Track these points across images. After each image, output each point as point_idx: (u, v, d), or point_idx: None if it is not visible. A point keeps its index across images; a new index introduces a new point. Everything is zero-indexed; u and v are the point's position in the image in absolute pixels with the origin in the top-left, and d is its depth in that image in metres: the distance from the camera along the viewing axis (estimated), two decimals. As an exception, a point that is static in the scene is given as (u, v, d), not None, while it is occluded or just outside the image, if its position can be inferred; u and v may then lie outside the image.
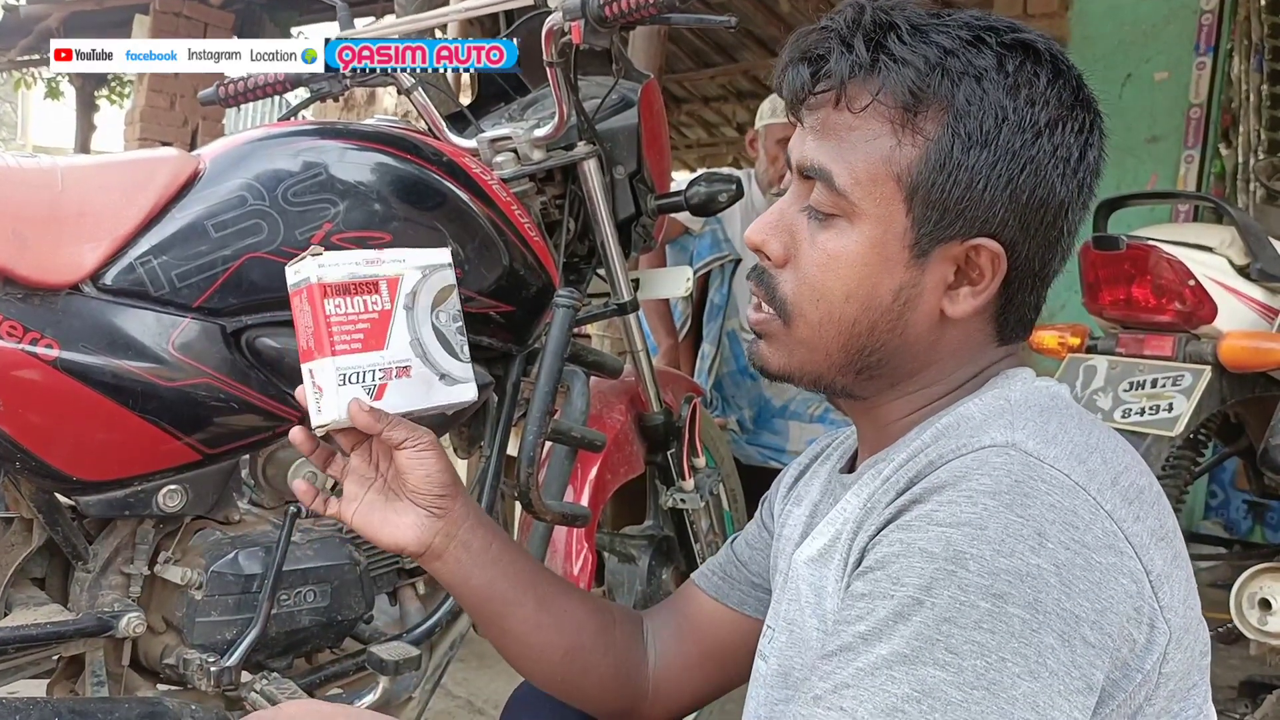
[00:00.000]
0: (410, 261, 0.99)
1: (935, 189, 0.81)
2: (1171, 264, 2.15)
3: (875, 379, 0.88)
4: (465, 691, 2.59)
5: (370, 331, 0.96)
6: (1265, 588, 1.99)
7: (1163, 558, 0.74)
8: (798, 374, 0.89)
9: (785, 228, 0.87)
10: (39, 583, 1.36)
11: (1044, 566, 0.68)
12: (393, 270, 0.98)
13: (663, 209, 1.90)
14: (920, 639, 0.67)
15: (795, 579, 0.89)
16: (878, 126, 0.81)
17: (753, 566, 1.09)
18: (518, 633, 1.05)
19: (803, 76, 0.84)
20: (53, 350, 1.21)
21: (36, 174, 1.28)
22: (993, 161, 0.80)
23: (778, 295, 0.87)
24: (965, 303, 0.84)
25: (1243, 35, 4.00)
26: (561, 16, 1.47)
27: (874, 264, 0.83)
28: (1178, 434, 2.06)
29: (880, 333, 0.84)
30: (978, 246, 0.83)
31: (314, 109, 2.14)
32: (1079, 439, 0.76)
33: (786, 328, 0.87)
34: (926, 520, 0.71)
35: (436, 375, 1.00)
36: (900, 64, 0.80)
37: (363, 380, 0.95)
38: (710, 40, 7.49)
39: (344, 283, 0.94)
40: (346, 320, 0.94)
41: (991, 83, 0.80)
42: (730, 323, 3.42)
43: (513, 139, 1.68)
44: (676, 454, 2.03)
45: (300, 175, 1.37)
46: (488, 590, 1.03)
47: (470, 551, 1.01)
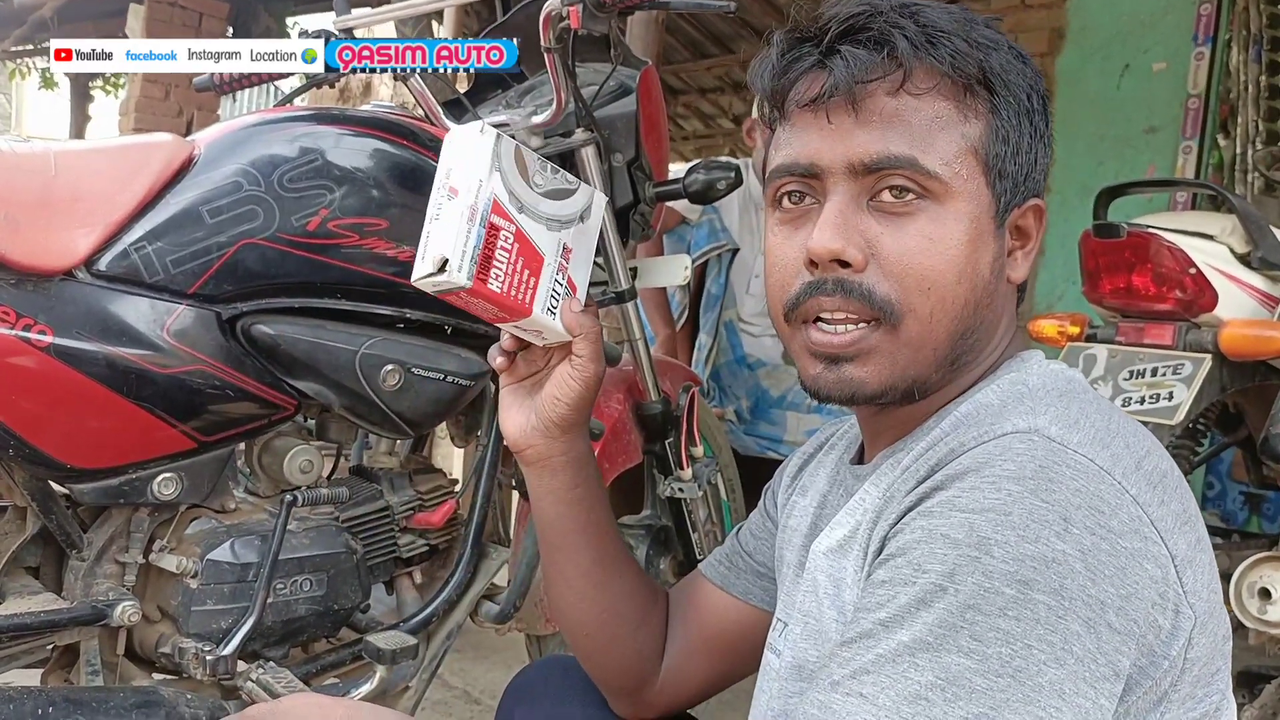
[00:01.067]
0: (474, 175, 0.92)
1: (1005, 160, 0.82)
2: (1172, 252, 2.14)
3: (959, 367, 0.85)
4: (462, 682, 2.59)
5: (526, 259, 0.94)
6: (1265, 577, 1.99)
7: (1186, 542, 0.73)
8: (900, 384, 0.83)
9: (854, 229, 0.81)
10: (33, 571, 1.35)
11: (1069, 552, 0.67)
12: (479, 197, 0.91)
13: (661, 196, 1.89)
14: (944, 626, 0.66)
15: (813, 570, 0.87)
16: (942, 104, 0.80)
17: (758, 556, 1.08)
18: (566, 574, 1.07)
19: (863, 60, 0.79)
20: (46, 336, 1.20)
21: (30, 159, 1.27)
22: (1033, 127, 0.84)
23: (878, 297, 0.80)
24: (1023, 265, 0.87)
25: (1241, 26, 3.99)
26: (560, 1, 1.46)
27: (975, 239, 0.81)
28: (1178, 422, 2.06)
29: (982, 310, 0.83)
30: (1028, 209, 0.86)
31: (310, 96, 2.13)
32: (1100, 423, 0.75)
33: (893, 332, 0.81)
34: (949, 506, 0.70)
35: (579, 220, 0.99)
36: (953, 36, 0.80)
37: (556, 295, 0.95)
38: (706, 31, 7.47)
39: (480, 258, 0.91)
40: (508, 277, 0.92)
41: (1007, 54, 0.83)
42: (728, 313, 3.41)
43: (510, 125, 1.67)
44: (674, 443, 2.02)
45: (296, 161, 1.36)
46: (554, 522, 1.05)
47: (555, 480, 1.03)
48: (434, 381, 1.46)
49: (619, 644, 1.07)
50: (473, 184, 0.90)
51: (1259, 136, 3.98)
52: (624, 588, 1.07)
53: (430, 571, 1.68)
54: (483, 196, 0.90)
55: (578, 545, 1.05)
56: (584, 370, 0.97)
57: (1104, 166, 3.98)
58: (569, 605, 1.08)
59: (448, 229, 0.90)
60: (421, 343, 1.46)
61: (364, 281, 1.39)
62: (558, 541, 1.06)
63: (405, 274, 1.39)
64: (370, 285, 1.40)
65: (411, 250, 1.39)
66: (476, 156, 0.92)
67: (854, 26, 0.81)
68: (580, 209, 0.98)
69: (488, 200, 0.90)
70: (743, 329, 3.42)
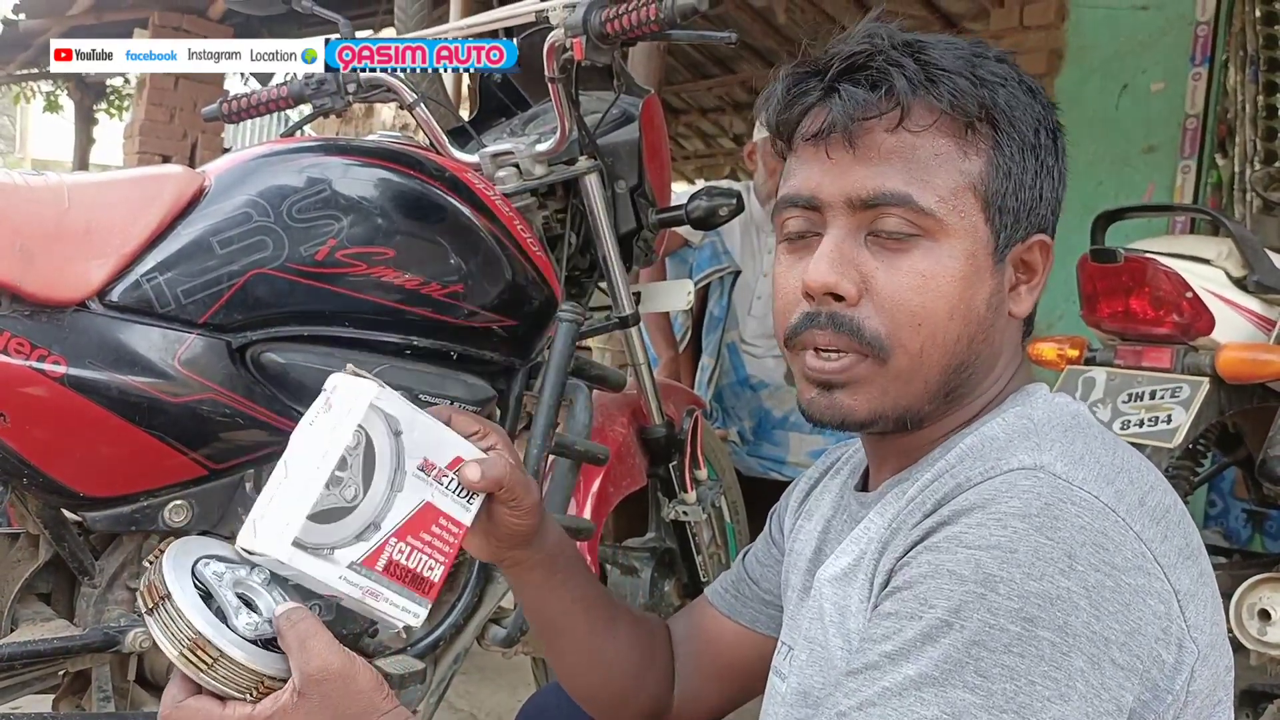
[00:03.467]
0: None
1: (1008, 196, 0.83)
2: (1169, 276, 2.15)
3: (958, 398, 0.86)
4: (469, 705, 2.59)
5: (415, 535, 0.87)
6: (1265, 598, 1.99)
7: (1189, 576, 0.75)
8: (890, 413, 0.84)
9: (849, 263, 0.82)
10: (45, 598, 1.36)
11: (1074, 589, 0.68)
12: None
13: (664, 223, 1.91)
14: (949, 661, 0.68)
15: (818, 597, 0.89)
16: (942, 142, 0.81)
17: (764, 584, 1.09)
18: (564, 652, 1.08)
19: (860, 99, 0.80)
20: (60, 366, 1.21)
21: (44, 191, 1.29)
22: (1040, 162, 0.84)
23: (868, 333, 0.82)
24: (1026, 299, 0.87)
25: (1238, 46, 4.01)
26: (563, 33, 1.48)
27: (970, 276, 0.82)
28: (1176, 445, 2.07)
29: (977, 345, 0.84)
30: (1033, 244, 0.86)
31: (312, 124, 2.15)
32: (1105, 459, 0.76)
33: (882, 365, 0.82)
34: (955, 542, 0.71)
35: (397, 466, 0.86)
36: (955, 74, 0.81)
37: (458, 493, 0.90)
38: (707, 52, 7.51)
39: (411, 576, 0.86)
40: (421, 552, 0.87)
41: (1016, 87, 0.83)
42: (730, 335, 3.42)
43: (515, 154, 1.69)
44: (678, 466, 2.04)
45: (304, 191, 1.38)
46: (541, 610, 1.05)
47: (533, 575, 1.03)
48: (441, 408, 1.47)
49: (630, 696, 1.08)
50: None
51: (1257, 156, 3.99)
52: (623, 646, 1.08)
53: (437, 596, 1.68)
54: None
55: (569, 624, 1.05)
56: (524, 510, 0.94)
57: (1103, 186, 3.99)
58: (574, 678, 1.09)
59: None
60: (428, 369, 1.47)
61: (371, 309, 1.41)
62: (549, 626, 1.06)
63: (412, 301, 1.42)
64: (378, 313, 1.41)
65: (418, 278, 1.42)
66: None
67: (855, 64, 0.82)
68: (388, 477, 0.85)
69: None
70: (745, 350, 3.43)
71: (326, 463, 0.81)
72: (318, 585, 0.82)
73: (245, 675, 0.76)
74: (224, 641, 0.76)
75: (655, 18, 1.41)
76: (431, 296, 1.43)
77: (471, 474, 0.89)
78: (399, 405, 0.85)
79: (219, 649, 0.75)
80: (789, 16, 6.13)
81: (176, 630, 0.76)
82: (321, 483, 0.80)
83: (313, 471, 0.81)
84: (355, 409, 0.83)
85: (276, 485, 0.84)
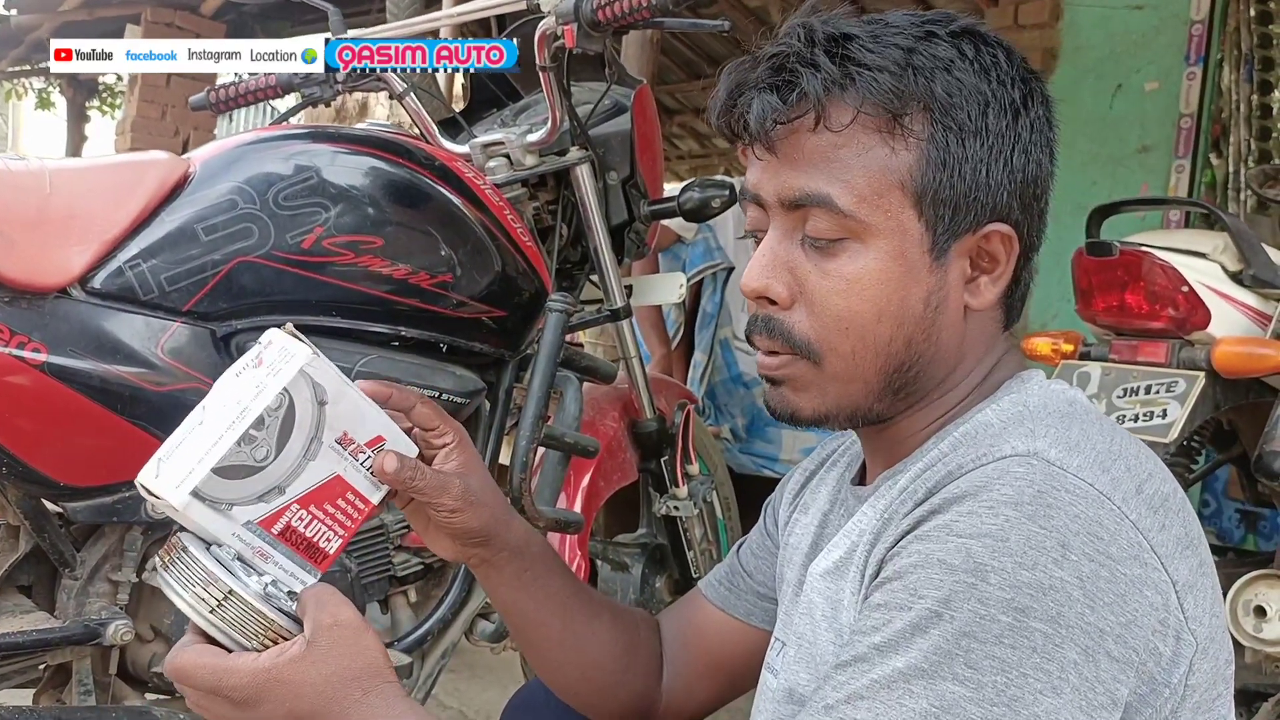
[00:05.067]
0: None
1: (942, 187, 0.80)
2: (1165, 270, 2.14)
3: (909, 395, 0.84)
4: (457, 702, 2.58)
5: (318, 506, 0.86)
6: (1260, 594, 1.99)
7: (1188, 567, 0.73)
8: (834, 412, 0.84)
9: (782, 266, 0.82)
10: (25, 590, 1.35)
11: (1067, 579, 0.66)
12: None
13: (656, 214, 1.90)
14: (939, 653, 0.66)
15: (809, 592, 0.87)
16: (866, 138, 0.79)
17: (758, 576, 1.07)
18: (541, 649, 1.05)
19: (771, 105, 0.79)
20: (40, 354, 1.20)
21: (25, 176, 1.27)
22: (988, 147, 0.80)
23: (797, 338, 0.82)
24: (987, 292, 0.84)
25: (1232, 46, 4.01)
26: (554, 21, 1.47)
27: (899, 276, 0.80)
28: (1172, 440, 2.06)
29: (916, 344, 0.82)
30: (989, 234, 0.82)
31: (305, 115, 2.14)
32: (1101, 446, 0.74)
33: (816, 367, 0.82)
34: (946, 531, 0.70)
35: (316, 434, 0.85)
36: (875, 70, 0.78)
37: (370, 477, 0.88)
38: (702, 51, 7.51)
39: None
40: (321, 523, 0.86)
41: (962, 71, 0.79)
42: (723, 331, 3.41)
43: (505, 144, 1.68)
44: (670, 461, 2.02)
45: (291, 179, 1.37)
46: (514, 605, 1.03)
47: (503, 573, 1.00)
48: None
49: (613, 689, 1.06)
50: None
51: (1251, 155, 3.99)
52: (603, 640, 1.06)
53: (425, 590, 1.67)
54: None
55: (543, 619, 1.03)
56: (440, 509, 0.92)
57: (1097, 186, 3.99)
58: (554, 674, 1.07)
59: None
60: (417, 360, 1.46)
61: (359, 299, 1.39)
62: (524, 622, 1.04)
63: (400, 291, 1.41)
64: (365, 303, 1.40)
65: (406, 268, 1.40)
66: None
67: (774, 66, 0.80)
68: (303, 445, 0.84)
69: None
70: (738, 347, 3.42)
71: (243, 420, 0.80)
72: (208, 537, 0.81)
73: (255, 620, 0.78)
74: (235, 581, 0.78)
75: (647, 5, 1.40)
76: (420, 286, 1.42)
77: (388, 464, 0.87)
78: (330, 376, 0.84)
79: (229, 586, 0.77)
80: (783, 15, 6.14)
81: (189, 574, 0.78)
82: (234, 439, 0.80)
83: (228, 425, 0.80)
84: (284, 372, 0.82)
85: (189, 430, 0.83)
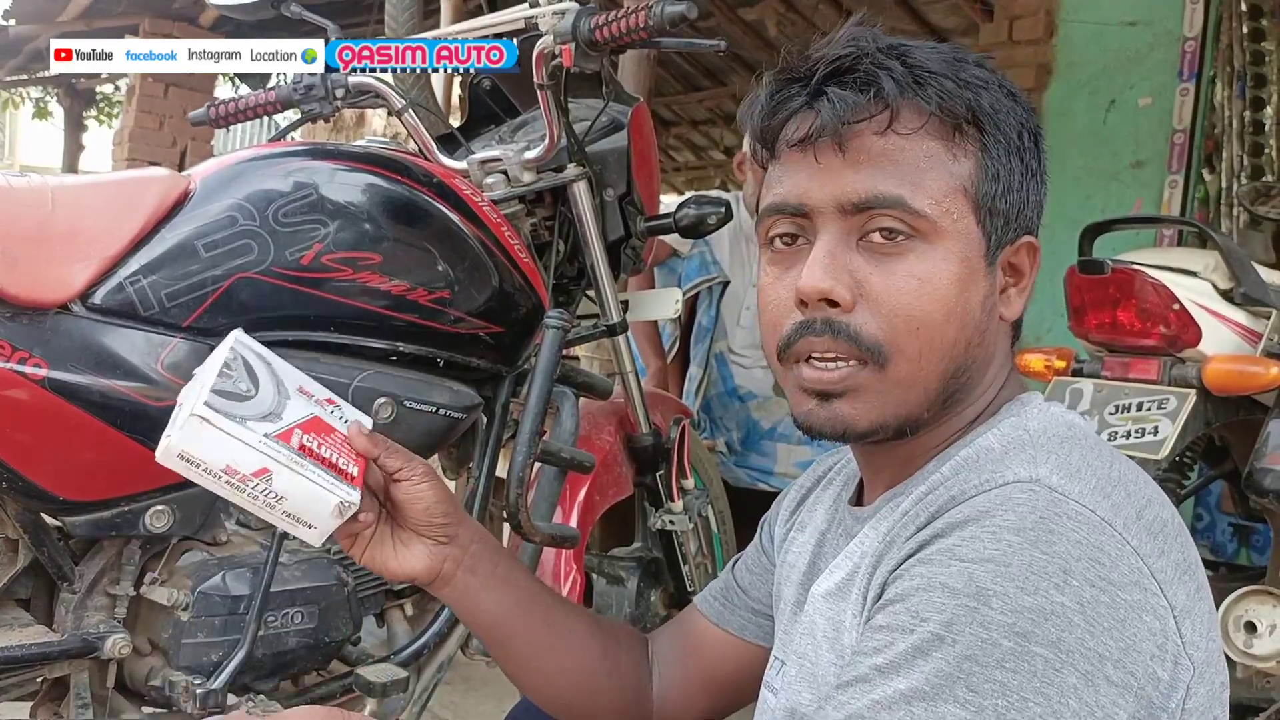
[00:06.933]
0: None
1: (996, 198, 0.83)
2: (1156, 288, 2.16)
3: (951, 406, 0.85)
4: (452, 715, 2.58)
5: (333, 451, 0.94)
6: (1250, 610, 2.00)
7: (1186, 592, 0.74)
8: (890, 422, 0.83)
9: (843, 268, 0.81)
10: (24, 604, 1.35)
11: (1068, 604, 0.67)
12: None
13: (652, 231, 1.91)
14: (940, 676, 0.67)
15: (811, 613, 0.88)
16: (931, 144, 0.81)
17: (753, 593, 1.08)
18: (525, 655, 1.05)
19: (851, 101, 0.79)
20: (41, 369, 1.20)
21: (27, 193, 1.28)
22: (1024, 165, 0.84)
23: (865, 339, 0.80)
24: (1016, 302, 0.87)
25: (1225, 62, 4.03)
26: (552, 40, 1.48)
27: (965, 278, 0.82)
28: (1163, 457, 2.07)
29: (973, 348, 0.83)
30: (1020, 245, 0.86)
31: (302, 130, 2.15)
32: (1102, 472, 0.76)
33: (881, 372, 0.81)
34: (949, 555, 0.70)
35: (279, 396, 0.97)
36: (941, 77, 0.81)
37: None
38: (698, 64, 7.54)
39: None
40: (331, 448, 0.94)
41: (998, 93, 0.83)
42: (718, 345, 3.41)
43: (503, 161, 1.69)
44: (665, 476, 2.03)
45: (291, 195, 1.38)
46: (496, 611, 1.03)
47: (478, 574, 1.01)
48: (426, 415, 1.47)
49: (600, 693, 1.07)
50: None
51: (1244, 170, 4.01)
52: (580, 637, 1.06)
53: (421, 604, 1.67)
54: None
55: (526, 619, 1.04)
56: (412, 474, 0.97)
57: (1091, 200, 4.01)
58: (540, 684, 1.07)
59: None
60: (414, 376, 1.47)
61: (357, 315, 1.40)
62: (508, 630, 1.04)
63: (398, 307, 1.42)
64: (363, 319, 1.41)
65: (404, 284, 1.41)
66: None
67: (841, 67, 0.81)
68: (273, 385, 0.95)
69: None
70: (733, 361, 3.43)
71: (214, 364, 0.92)
72: (243, 456, 0.86)
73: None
74: None
75: (644, 25, 1.41)
76: (418, 302, 1.43)
77: (364, 424, 0.99)
78: (262, 349, 0.99)
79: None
80: (780, 29, 6.16)
81: None
82: (215, 373, 0.90)
83: (206, 372, 0.92)
84: (226, 343, 0.96)
85: (177, 407, 0.92)
